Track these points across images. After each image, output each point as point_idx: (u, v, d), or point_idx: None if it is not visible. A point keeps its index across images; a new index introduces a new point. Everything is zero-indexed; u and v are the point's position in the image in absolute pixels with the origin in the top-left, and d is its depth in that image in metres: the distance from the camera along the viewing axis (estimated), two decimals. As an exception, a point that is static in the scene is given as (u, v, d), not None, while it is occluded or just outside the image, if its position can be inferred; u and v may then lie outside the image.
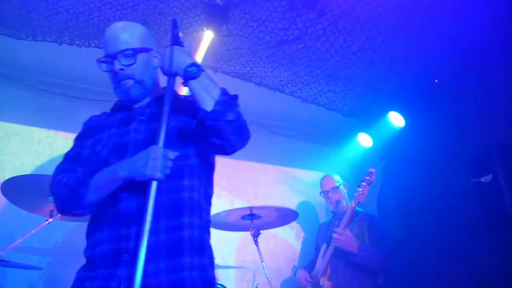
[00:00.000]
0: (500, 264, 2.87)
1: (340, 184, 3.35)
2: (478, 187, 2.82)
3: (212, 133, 1.47)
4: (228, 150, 1.52)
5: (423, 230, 3.72)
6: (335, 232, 2.94)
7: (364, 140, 4.43)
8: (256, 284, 2.71)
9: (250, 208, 2.49)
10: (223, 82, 4.19)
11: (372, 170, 3.03)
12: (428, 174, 3.76)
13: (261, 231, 2.64)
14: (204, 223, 1.53)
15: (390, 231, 4.20)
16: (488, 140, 2.87)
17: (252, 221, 2.44)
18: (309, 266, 3.28)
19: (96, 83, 3.65)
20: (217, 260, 3.75)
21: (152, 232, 1.31)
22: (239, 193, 4.12)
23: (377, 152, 4.52)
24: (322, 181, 3.44)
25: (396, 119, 4.00)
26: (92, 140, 1.61)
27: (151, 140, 1.45)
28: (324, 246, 3.07)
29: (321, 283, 2.99)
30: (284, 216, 2.63)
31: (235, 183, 4.14)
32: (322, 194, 3.37)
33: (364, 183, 3.01)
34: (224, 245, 3.83)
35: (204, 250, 1.47)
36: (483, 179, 2.71)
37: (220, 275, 3.72)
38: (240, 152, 4.36)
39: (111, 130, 1.60)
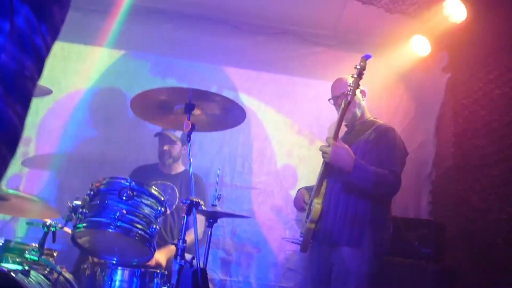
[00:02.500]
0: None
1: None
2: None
3: None
4: None
5: (476, 154, 2.86)
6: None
7: (420, 45, 3.51)
8: (220, 194, 2.32)
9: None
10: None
11: (365, 56, 2.27)
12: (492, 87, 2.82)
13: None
14: None
15: (444, 157, 3.38)
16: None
17: (189, 114, 1.98)
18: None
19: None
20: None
21: None
22: (259, 108, 3.65)
23: (437, 59, 3.57)
24: (332, 85, 2.75)
25: (455, 11, 3.02)
26: None
27: None
28: (322, 163, 2.48)
29: (312, 205, 2.44)
30: (231, 112, 2.07)
31: (258, 97, 3.67)
32: (331, 100, 2.71)
33: (353, 76, 2.28)
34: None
35: None
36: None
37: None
38: (265, 64, 3.89)
39: None
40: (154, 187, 1.99)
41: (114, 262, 1.99)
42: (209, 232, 2.21)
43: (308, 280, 2.49)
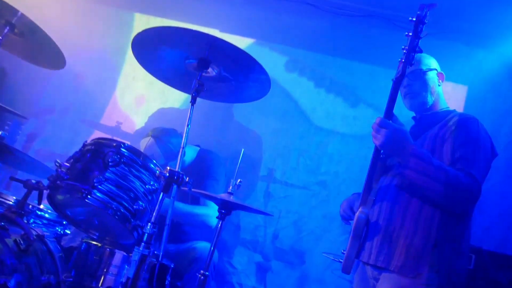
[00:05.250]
0: None
1: (429, 69, 1.98)
2: None
3: None
4: None
5: None
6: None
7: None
8: (240, 181, 1.88)
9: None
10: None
11: (428, 4, 1.63)
12: None
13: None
14: None
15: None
16: None
17: (201, 72, 1.57)
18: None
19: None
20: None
21: None
22: (327, 98, 3.15)
23: None
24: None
25: None
26: None
27: None
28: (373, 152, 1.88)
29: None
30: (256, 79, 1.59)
31: (328, 86, 3.17)
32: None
33: (408, 34, 1.66)
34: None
35: None
36: None
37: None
38: (341, 49, 3.35)
39: None
40: (152, 160, 1.64)
41: (94, 237, 1.69)
42: (219, 225, 1.80)
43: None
